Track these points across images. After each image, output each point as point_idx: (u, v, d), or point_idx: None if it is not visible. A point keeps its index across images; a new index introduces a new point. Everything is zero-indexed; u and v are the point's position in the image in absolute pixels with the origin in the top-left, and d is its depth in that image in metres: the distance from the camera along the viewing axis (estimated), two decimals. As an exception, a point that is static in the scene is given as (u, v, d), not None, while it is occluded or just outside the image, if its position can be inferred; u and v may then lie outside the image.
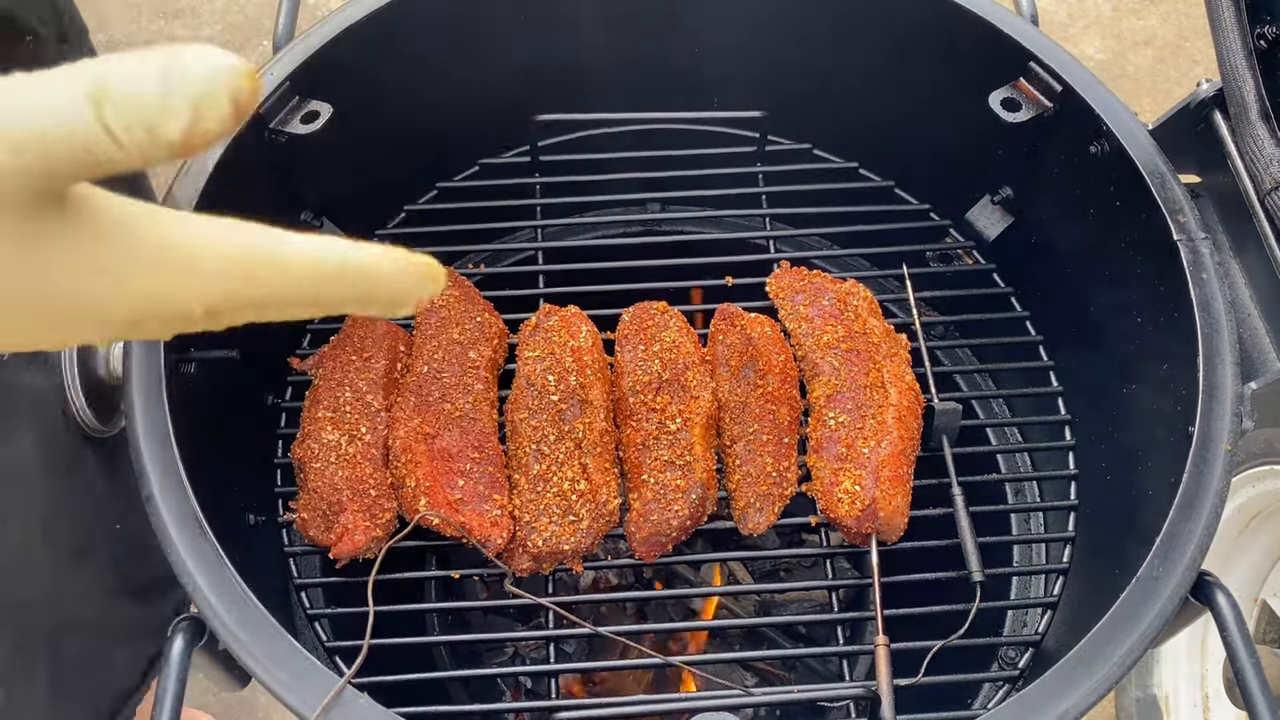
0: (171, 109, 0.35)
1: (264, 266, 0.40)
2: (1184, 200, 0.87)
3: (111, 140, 0.35)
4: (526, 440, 0.89)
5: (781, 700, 0.80)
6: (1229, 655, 0.72)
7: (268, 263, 0.40)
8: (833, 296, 0.98)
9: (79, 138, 0.35)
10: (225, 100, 0.35)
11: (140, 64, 0.35)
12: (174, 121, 0.35)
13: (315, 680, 0.68)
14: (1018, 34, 0.97)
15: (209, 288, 0.40)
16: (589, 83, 1.12)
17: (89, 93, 0.34)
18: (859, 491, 0.86)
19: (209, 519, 0.74)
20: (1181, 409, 0.81)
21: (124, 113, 0.34)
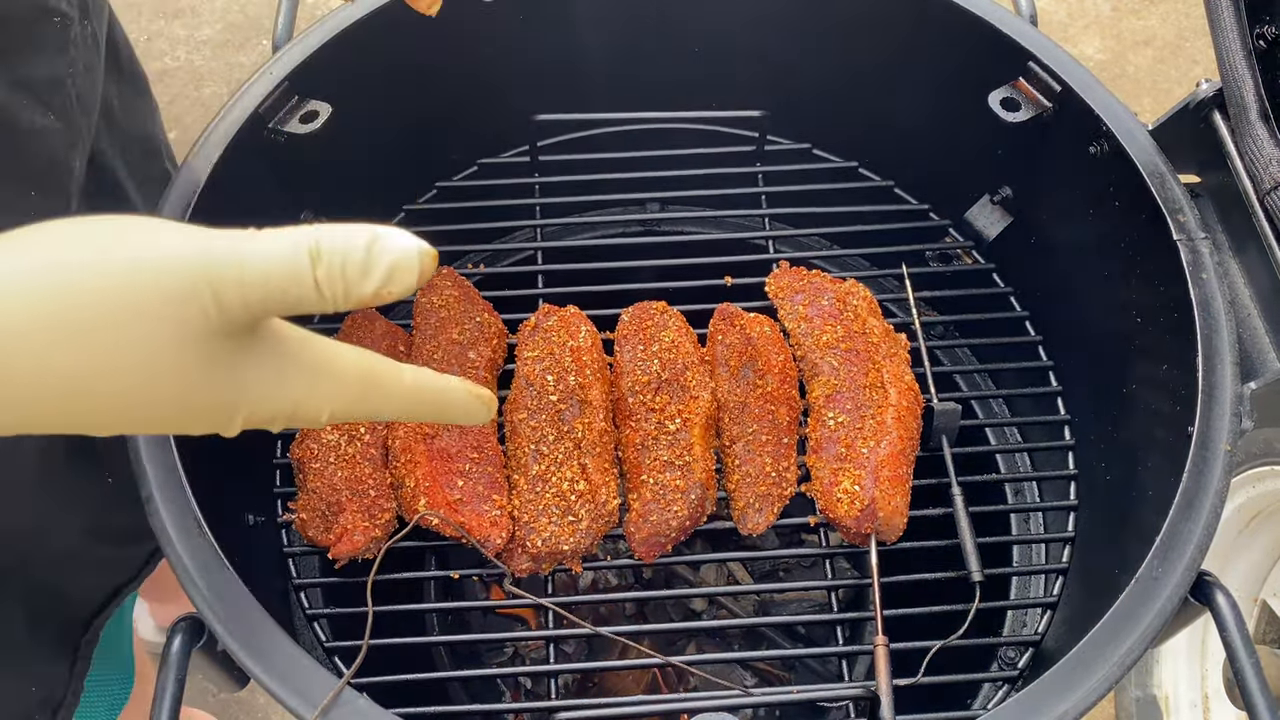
0: (371, 272, 0.45)
1: (376, 390, 0.51)
2: (1184, 200, 0.87)
3: (316, 290, 0.44)
4: (526, 440, 0.89)
5: (781, 700, 0.80)
6: (1229, 655, 0.72)
7: (380, 387, 0.51)
8: (832, 296, 0.98)
9: (294, 285, 0.44)
10: (415, 272, 0.46)
11: (352, 234, 0.45)
12: (371, 283, 0.45)
13: (314, 680, 0.68)
14: (1017, 34, 0.97)
15: (340, 400, 0.50)
16: (589, 83, 1.12)
17: (310, 249, 0.44)
18: (858, 491, 0.86)
19: (208, 519, 0.74)
20: (1181, 409, 0.81)
21: (331, 271, 0.44)
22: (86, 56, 0.81)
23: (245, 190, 0.93)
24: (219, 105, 0.93)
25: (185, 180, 0.86)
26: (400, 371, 0.52)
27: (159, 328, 0.43)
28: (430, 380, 0.53)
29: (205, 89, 2.45)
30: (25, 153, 0.73)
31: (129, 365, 0.43)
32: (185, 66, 2.46)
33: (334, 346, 0.51)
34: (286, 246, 0.44)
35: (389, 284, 0.45)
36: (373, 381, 0.51)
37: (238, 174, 0.90)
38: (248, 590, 0.71)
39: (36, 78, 0.74)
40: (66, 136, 0.77)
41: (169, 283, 0.43)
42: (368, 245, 0.45)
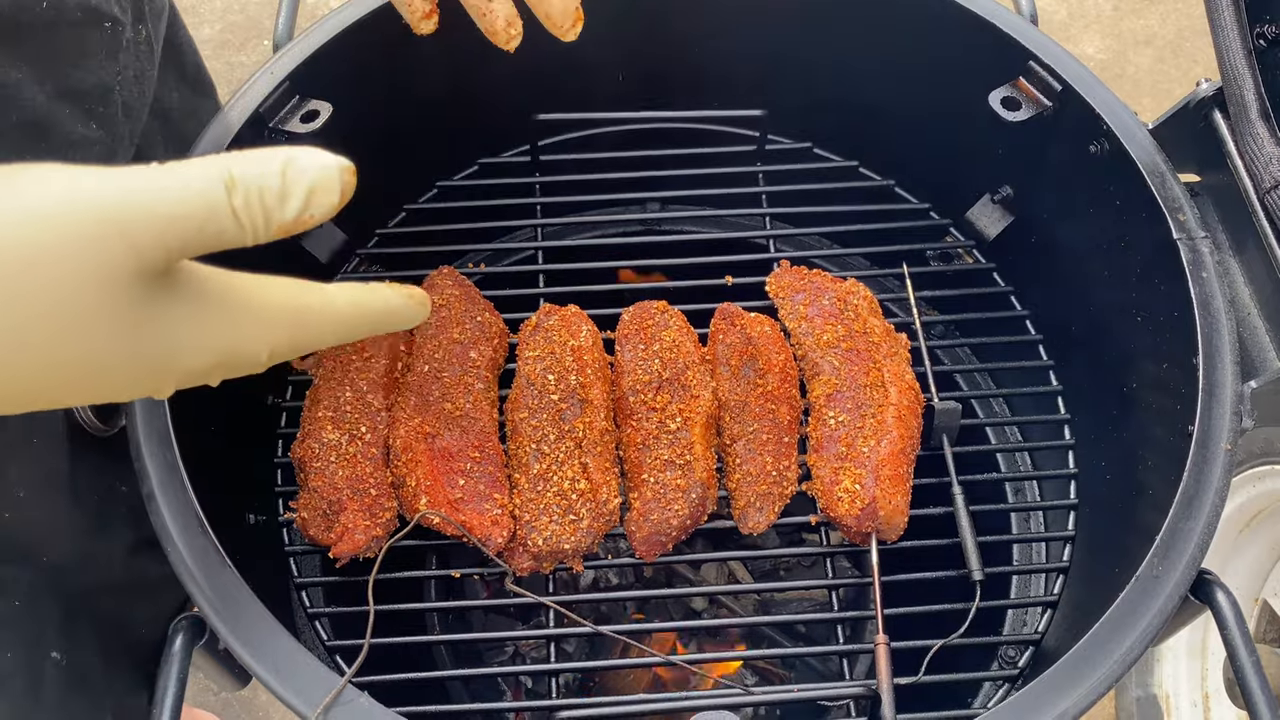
0: (290, 196, 0.43)
1: (310, 319, 0.49)
2: (1184, 199, 0.87)
3: (235, 221, 0.42)
4: (527, 440, 0.89)
5: (781, 699, 0.80)
6: (1229, 654, 0.72)
7: (313, 315, 0.49)
8: (833, 296, 0.99)
9: (211, 218, 0.42)
10: (336, 191, 0.45)
11: (265, 160, 0.43)
12: (290, 206, 0.43)
13: (315, 679, 0.68)
14: (1017, 33, 0.97)
15: (275, 336, 0.48)
16: (589, 83, 1.12)
17: (225, 180, 0.41)
18: (859, 490, 0.86)
19: (209, 518, 0.74)
20: (1181, 408, 0.81)
21: (249, 198, 0.42)
22: (138, 63, 0.79)
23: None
24: (220, 105, 0.93)
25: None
26: (329, 296, 0.50)
27: (71, 272, 0.41)
28: (363, 297, 0.52)
29: (206, 89, 2.45)
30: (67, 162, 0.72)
31: (41, 314, 0.41)
32: (186, 66, 2.46)
33: (259, 281, 0.48)
34: (198, 177, 0.42)
35: (309, 207, 0.44)
36: (304, 312, 0.49)
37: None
38: (249, 589, 0.71)
39: (83, 87, 0.72)
40: (108, 147, 0.76)
41: (79, 227, 0.41)
42: (283, 168, 0.43)
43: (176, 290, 0.45)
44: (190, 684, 0.70)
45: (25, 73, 0.66)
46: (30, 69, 0.66)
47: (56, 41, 0.68)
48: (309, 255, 1.05)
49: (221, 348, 0.47)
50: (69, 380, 0.44)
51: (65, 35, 0.69)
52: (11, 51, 0.65)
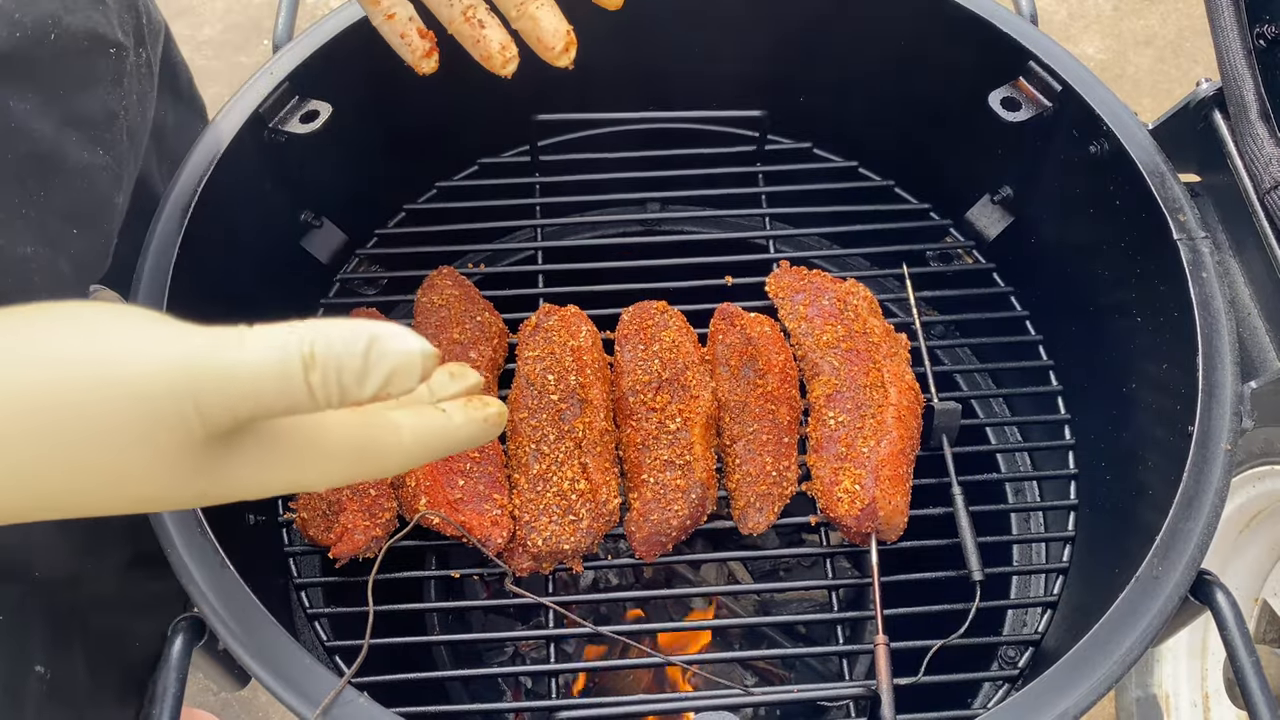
0: (369, 377, 0.42)
1: (373, 459, 0.48)
2: (1184, 199, 0.87)
3: (310, 396, 0.42)
4: (526, 440, 0.89)
5: (781, 700, 0.80)
6: (1229, 655, 0.72)
7: (377, 456, 0.48)
8: (833, 296, 0.99)
9: (284, 396, 0.41)
10: (415, 376, 0.42)
11: (348, 340, 0.41)
12: (368, 388, 0.42)
13: (315, 679, 0.68)
14: (1017, 33, 0.97)
15: (335, 474, 0.47)
16: (589, 83, 1.11)
17: (303, 358, 0.41)
18: (859, 491, 0.86)
19: (209, 519, 0.74)
20: (1181, 408, 0.81)
21: (326, 378, 0.41)
22: (140, 86, 0.79)
23: (246, 190, 0.93)
24: (220, 105, 0.93)
25: (186, 180, 0.86)
26: (397, 431, 0.48)
27: (138, 444, 0.41)
28: (430, 430, 0.49)
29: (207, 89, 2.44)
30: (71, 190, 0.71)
31: (104, 469, 0.41)
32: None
33: (322, 424, 0.47)
34: (276, 356, 0.41)
35: (387, 388, 0.42)
36: (367, 452, 0.48)
37: (238, 174, 0.90)
38: (248, 589, 0.71)
39: (90, 114, 0.72)
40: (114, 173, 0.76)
41: (149, 402, 0.40)
42: (365, 351, 0.41)
43: (243, 441, 0.44)
44: (190, 684, 0.70)
45: (33, 103, 0.66)
46: (38, 98, 0.66)
47: (64, 70, 0.68)
48: (310, 257, 1.05)
49: (280, 484, 0.46)
50: (126, 511, 0.45)
51: (73, 64, 0.69)
52: (21, 82, 0.65)
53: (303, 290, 1.06)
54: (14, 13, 0.61)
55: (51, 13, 0.65)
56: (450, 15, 0.77)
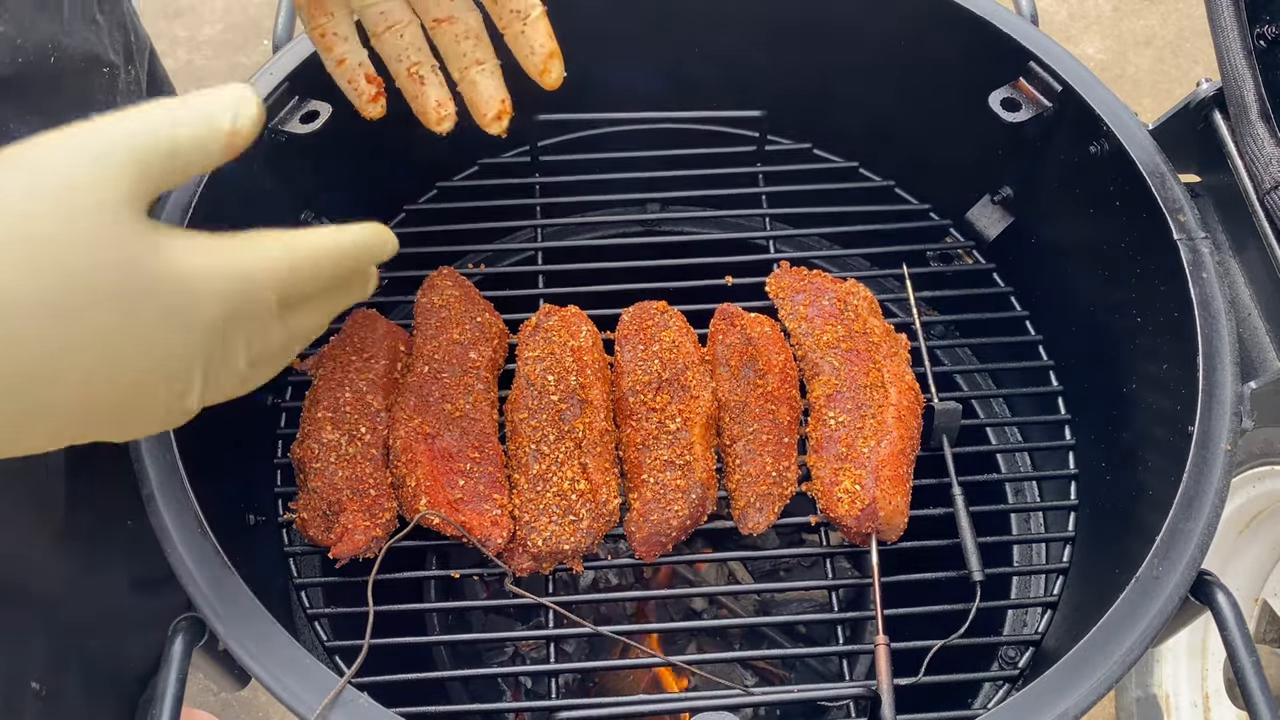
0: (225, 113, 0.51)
1: (302, 243, 0.53)
2: (1184, 200, 0.87)
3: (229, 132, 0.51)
4: (526, 440, 0.89)
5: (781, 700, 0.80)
6: (1229, 655, 0.72)
7: (304, 241, 0.53)
8: (833, 296, 0.99)
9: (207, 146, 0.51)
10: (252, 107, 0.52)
11: None
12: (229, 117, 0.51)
13: (315, 680, 0.68)
14: (1018, 34, 0.97)
15: (277, 269, 0.52)
16: (589, 83, 1.12)
17: None
18: (859, 491, 0.86)
19: (209, 519, 0.74)
20: (1181, 409, 0.81)
21: None
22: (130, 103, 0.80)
23: (246, 190, 0.93)
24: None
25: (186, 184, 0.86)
26: (307, 233, 0.54)
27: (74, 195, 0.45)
28: (334, 231, 0.56)
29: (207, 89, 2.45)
30: None
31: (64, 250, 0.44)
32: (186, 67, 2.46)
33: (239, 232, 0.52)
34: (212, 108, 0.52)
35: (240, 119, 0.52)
36: (292, 243, 0.53)
37: (238, 173, 0.89)
38: (248, 590, 0.71)
39: None
40: None
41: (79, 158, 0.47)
42: None
43: (170, 230, 0.49)
44: (190, 684, 0.70)
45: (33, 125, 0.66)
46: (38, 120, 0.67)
47: (62, 92, 0.69)
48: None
49: (231, 289, 0.49)
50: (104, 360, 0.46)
51: (70, 85, 0.70)
52: (21, 105, 0.65)
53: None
54: (16, 38, 0.62)
55: (51, 36, 0.65)
56: (397, 70, 0.79)
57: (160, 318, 0.47)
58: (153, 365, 0.48)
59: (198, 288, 0.48)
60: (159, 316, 0.47)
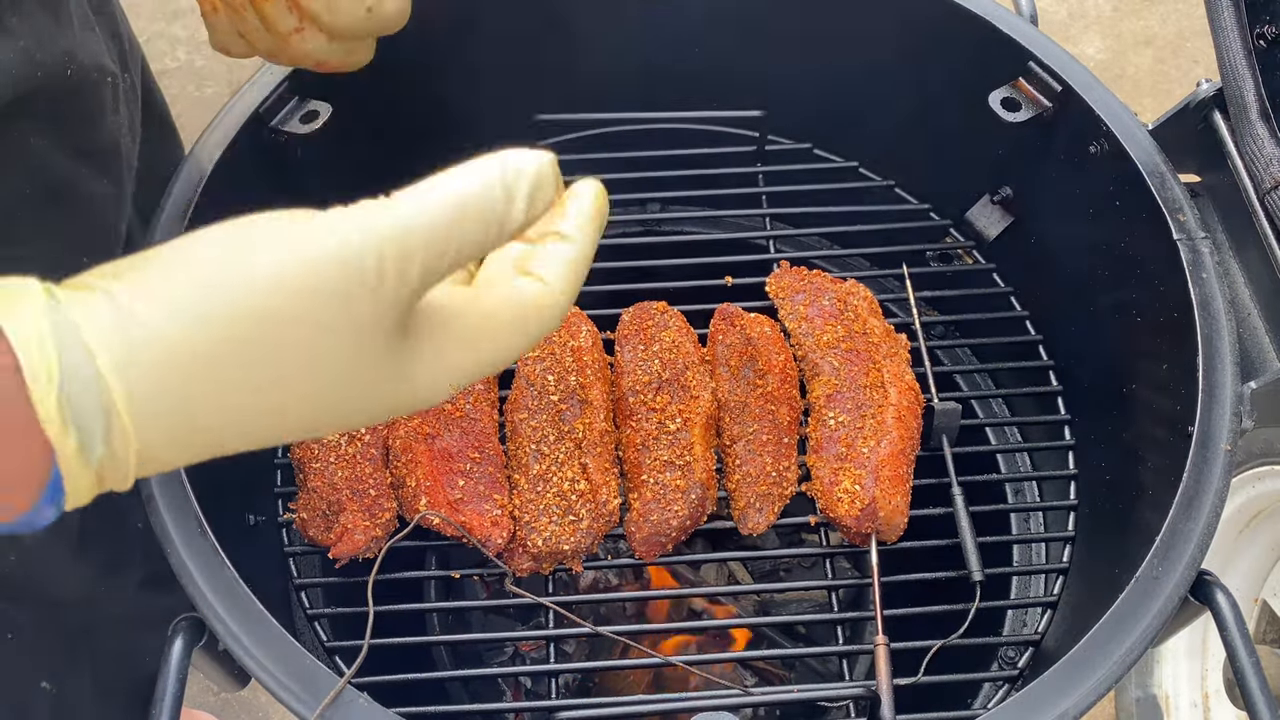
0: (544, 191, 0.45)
1: (533, 308, 0.47)
2: (1184, 200, 0.87)
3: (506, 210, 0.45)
4: (526, 440, 0.89)
5: (781, 700, 0.80)
6: (1229, 655, 0.72)
7: (535, 304, 0.47)
8: (833, 296, 0.99)
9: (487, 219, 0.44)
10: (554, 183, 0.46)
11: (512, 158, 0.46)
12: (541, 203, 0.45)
13: (315, 680, 0.68)
14: (1017, 34, 0.97)
15: (502, 343, 0.47)
16: (589, 83, 1.12)
17: (501, 176, 0.45)
18: (859, 491, 0.86)
19: (209, 519, 0.74)
20: (1181, 409, 0.81)
21: (518, 188, 0.45)
22: (129, 112, 0.81)
23: (246, 190, 0.92)
24: (220, 105, 0.93)
25: (186, 180, 0.86)
26: (539, 275, 0.48)
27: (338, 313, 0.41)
28: (562, 259, 0.48)
29: (206, 89, 2.45)
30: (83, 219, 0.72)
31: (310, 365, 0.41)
32: (186, 67, 2.46)
33: (477, 298, 0.47)
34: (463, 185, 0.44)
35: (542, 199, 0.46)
36: (527, 306, 0.47)
37: (238, 173, 0.90)
38: (248, 590, 0.71)
39: (97, 145, 0.73)
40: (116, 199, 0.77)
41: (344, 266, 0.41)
42: (538, 167, 0.46)
43: (417, 328, 0.44)
44: (190, 684, 0.70)
45: (50, 137, 0.67)
46: (53, 132, 0.67)
47: (76, 104, 0.69)
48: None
49: (460, 373, 0.46)
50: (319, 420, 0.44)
51: (85, 97, 0.70)
52: (39, 118, 0.66)
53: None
54: (35, 52, 0.62)
55: (67, 49, 0.65)
56: None
57: (386, 412, 0.46)
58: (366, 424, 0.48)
59: (433, 398, 0.46)
60: (386, 411, 0.45)
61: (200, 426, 0.40)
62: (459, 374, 0.46)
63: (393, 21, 0.71)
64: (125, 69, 0.81)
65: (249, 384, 0.40)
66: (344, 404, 0.43)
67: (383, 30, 0.71)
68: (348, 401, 0.43)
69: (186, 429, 0.40)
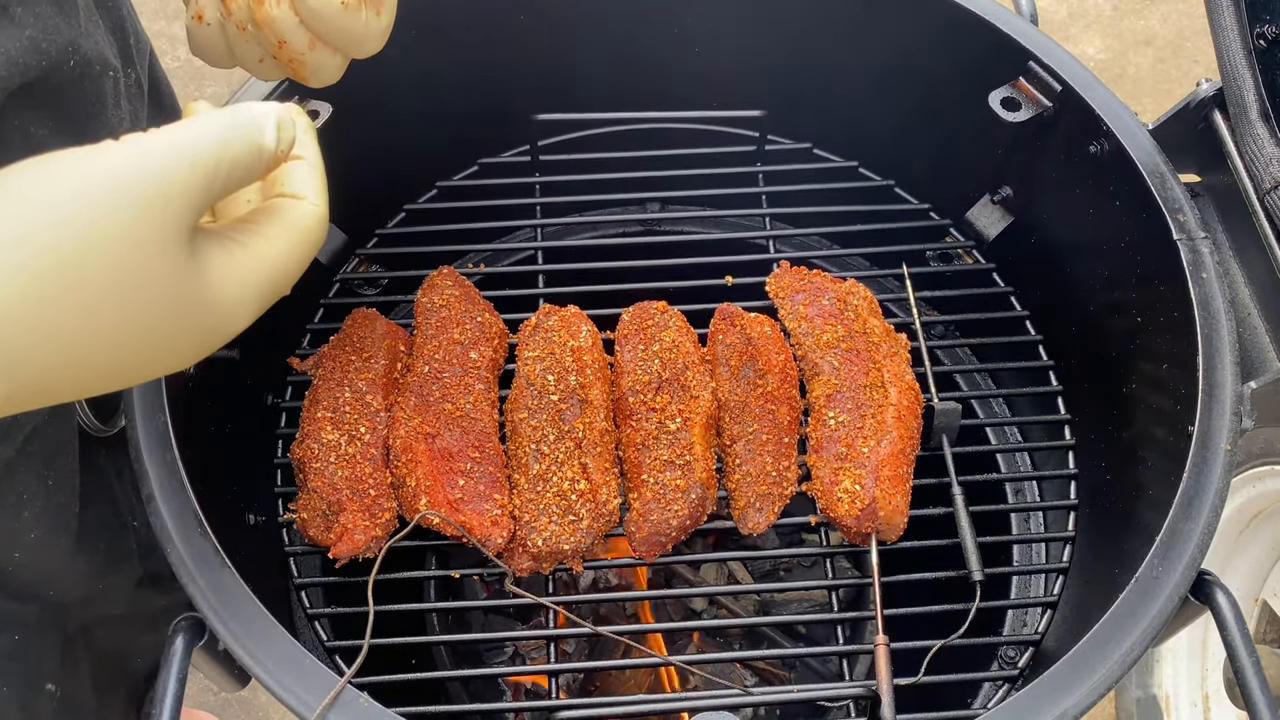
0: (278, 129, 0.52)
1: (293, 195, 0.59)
2: (1184, 200, 0.87)
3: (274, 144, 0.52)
4: (526, 440, 0.89)
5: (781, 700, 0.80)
6: (1229, 655, 0.72)
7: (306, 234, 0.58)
8: (833, 296, 0.99)
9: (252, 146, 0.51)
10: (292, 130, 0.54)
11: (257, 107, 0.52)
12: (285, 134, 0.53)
13: (315, 680, 0.68)
14: (1017, 34, 0.97)
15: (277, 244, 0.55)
16: (589, 83, 1.12)
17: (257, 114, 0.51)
18: (859, 491, 0.86)
19: (209, 519, 0.74)
20: (1181, 408, 0.81)
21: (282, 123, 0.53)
22: (132, 107, 0.80)
23: (246, 190, 0.92)
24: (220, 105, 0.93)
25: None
26: None
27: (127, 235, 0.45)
28: None
29: (207, 88, 2.45)
30: None
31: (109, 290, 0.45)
32: (186, 66, 2.46)
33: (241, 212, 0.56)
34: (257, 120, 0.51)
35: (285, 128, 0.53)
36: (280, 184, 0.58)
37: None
38: (248, 590, 0.71)
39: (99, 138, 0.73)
40: None
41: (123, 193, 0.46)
42: None
43: (206, 244, 0.50)
44: (190, 684, 0.70)
45: (51, 129, 0.67)
46: (56, 125, 0.67)
47: (78, 96, 0.69)
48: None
49: (262, 302, 0.53)
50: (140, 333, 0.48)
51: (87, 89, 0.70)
52: (42, 109, 0.66)
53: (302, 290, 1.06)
54: (41, 41, 0.62)
55: (71, 40, 0.65)
56: None
57: (200, 338, 0.51)
58: (184, 362, 0.52)
59: (236, 311, 0.52)
60: (199, 337, 0.51)
61: (16, 356, 0.43)
62: (252, 284, 0.52)
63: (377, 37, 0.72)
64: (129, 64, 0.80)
65: (63, 304, 0.44)
66: (153, 321, 0.47)
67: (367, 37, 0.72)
68: (156, 316, 0.47)
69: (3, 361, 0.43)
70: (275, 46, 0.69)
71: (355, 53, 0.72)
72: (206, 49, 0.72)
